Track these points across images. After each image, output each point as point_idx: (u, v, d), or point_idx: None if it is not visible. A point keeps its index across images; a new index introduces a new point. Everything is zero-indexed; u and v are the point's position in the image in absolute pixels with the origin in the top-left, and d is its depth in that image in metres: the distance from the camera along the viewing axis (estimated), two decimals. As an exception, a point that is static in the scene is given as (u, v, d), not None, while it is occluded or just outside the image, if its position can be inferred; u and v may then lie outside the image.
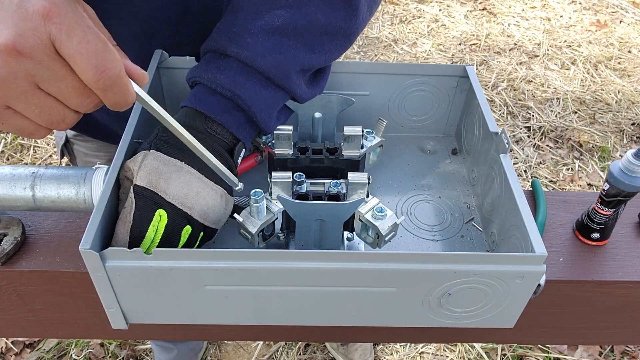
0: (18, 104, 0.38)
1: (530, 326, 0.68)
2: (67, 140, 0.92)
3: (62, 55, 0.37)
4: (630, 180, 0.59)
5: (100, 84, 0.38)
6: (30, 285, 0.60)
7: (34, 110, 0.39)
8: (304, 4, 0.55)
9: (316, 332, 0.68)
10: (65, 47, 0.37)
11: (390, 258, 0.48)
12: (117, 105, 0.41)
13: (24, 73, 0.36)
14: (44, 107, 0.39)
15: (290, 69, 0.55)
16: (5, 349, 1.48)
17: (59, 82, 0.38)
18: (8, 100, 0.38)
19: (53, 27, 0.36)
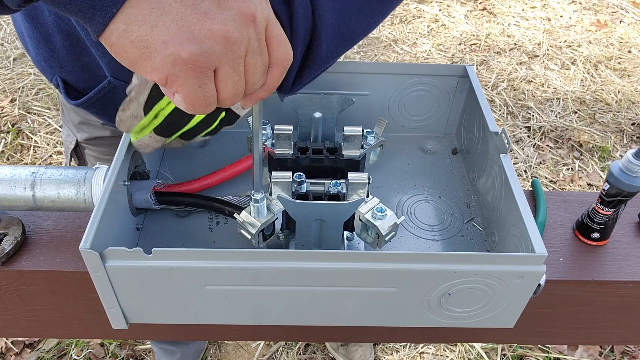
0: (227, 66, 0.39)
1: (530, 326, 0.68)
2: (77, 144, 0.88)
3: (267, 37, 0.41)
4: (630, 180, 0.59)
5: (282, 68, 0.43)
6: (30, 285, 0.60)
7: (234, 77, 0.40)
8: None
9: (316, 332, 0.68)
10: (272, 31, 0.41)
11: (390, 258, 0.48)
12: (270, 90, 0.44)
13: (247, 39, 0.39)
14: (240, 77, 0.41)
15: None
16: (5, 349, 1.48)
17: (259, 56, 0.41)
18: (222, 62, 0.39)
19: (270, 11, 0.41)
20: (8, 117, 2.12)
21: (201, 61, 0.37)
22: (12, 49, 2.45)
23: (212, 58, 0.37)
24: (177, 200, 0.61)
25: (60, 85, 0.70)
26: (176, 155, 0.73)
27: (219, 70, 0.39)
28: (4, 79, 2.28)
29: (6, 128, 2.08)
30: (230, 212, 0.59)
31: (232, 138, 0.76)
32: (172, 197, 0.61)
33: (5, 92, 2.22)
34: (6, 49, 2.45)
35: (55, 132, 2.08)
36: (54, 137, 2.06)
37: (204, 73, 0.38)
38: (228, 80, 0.39)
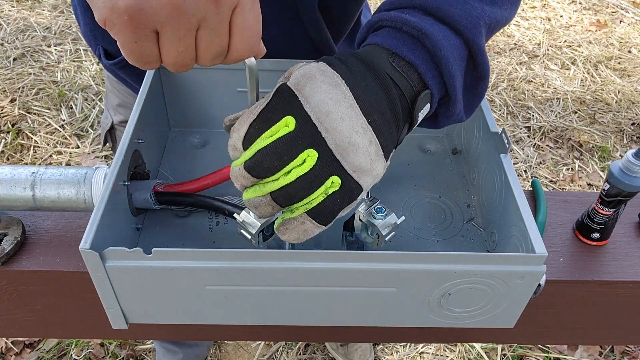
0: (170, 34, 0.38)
1: (530, 326, 0.68)
2: (112, 126, 0.94)
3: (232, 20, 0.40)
4: (630, 180, 0.59)
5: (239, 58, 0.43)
6: (30, 285, 0.60)
7: (177, 47, 0.39)
8: None
9: (316, 332, 0.68)
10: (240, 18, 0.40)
11: (390, 258, 0.48)
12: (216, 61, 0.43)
13: (202, 14, 0.38)
14: (188, 49, 0.40)
15: (479, 20, 0.49)
16: (5, 349, 1.48)
17: (217, 37, 0.40)
18: (164, 28, 0.38)
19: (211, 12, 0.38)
20: (8, 117, 2.12)
21: (137, 17, 0.36)
22: (12, 49, 2.45)
23: (151, 19, 0.37)
24: (177, 200, 0.61)
25: (102, 54, 0.79)
26: (176, 155, 0.73)
27: (161, 35, 0.38)
28: (4, 79, 2.28)
29: (6, 128, 2.08)
30: (230, 212, 0.59)
31: (232, 138, 0.76)
32: (172, 197, 0.61)
33: (5, 92, 2.22)
34: (6, 49, 2.45)
35: (55, 132, 2.08)
36: (54, 137, 2.06)
37: (141, 30, 0.37)
38: (170, 48, 0.39)
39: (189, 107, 0.75)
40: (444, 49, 0.47)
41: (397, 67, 0.47)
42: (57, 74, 2.33)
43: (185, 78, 0.72)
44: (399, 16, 0.49)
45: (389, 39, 0.48)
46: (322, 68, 0.44)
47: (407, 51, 0.47)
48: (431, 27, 0.48)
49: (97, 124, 2.13)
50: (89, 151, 2.01)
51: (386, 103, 0.45)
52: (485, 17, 0.50)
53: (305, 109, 0.42)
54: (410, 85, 0.47)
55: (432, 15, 0.49)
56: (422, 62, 0.48)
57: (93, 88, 2.27)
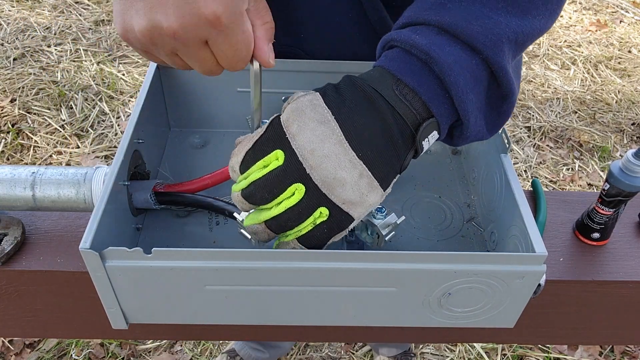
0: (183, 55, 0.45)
1: (530, 326, 0.68)
2: None
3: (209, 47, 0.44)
4: (630, 180, 0.59)
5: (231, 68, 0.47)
6: (31, 285, 0.60)
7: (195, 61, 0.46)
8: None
9: (316, 332, 0.68)
10: (215, 47, 0.44)
11: (390, 258, 0.48)
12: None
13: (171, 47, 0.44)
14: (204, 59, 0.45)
15: (501, 37, 0.46)
16: (5, 349, 1.48)
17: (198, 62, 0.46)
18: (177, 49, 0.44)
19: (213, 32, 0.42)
20: (8, 117, 2.12)
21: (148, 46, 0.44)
22: (12, 49, 2.45)
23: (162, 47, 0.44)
24: (177, 200, 0.61)
25: None
26: (176, 155, 0.73)
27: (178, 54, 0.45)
28: (4, 79, 2.28)
29: (6, 128, 2.08)
30: (230, 212, 0.59)
31: (232, 138, 0.76)
32: (172, 197, 0.61)
33: (5, 92, 2.22)
34: (6, 49, 2.45)
35: (55, 132, 2.08)
36: (54, 137, 2.06)
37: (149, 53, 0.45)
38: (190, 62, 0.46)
39: (189, 107, 0.75)
40: (454, 73, 0.45)
41: (400, 95, 0.46)
42: (57, 74, 2.33)
43: (185, 78, 0.72)
44: (409, 37, 0.46)
45: (396, 63, 0.47)
46: (315, 102, 0.46)
47: (412, 78, 0.46)
48: (440, 51, 0.45)
49: (97, 124, 2.13)
50: (89, 151, 2.01)
51: (382, 135, 0.45)
52: (509, 33, 0.46)
53: (292, 146, 0.45)
54: (413, 113, 0.46)
55: (448, 33, 0.46)
56: (428, 89, 0.46)
57: (93, 88, 2.27)
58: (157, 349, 1.51)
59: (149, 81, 0.65)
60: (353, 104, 0.45)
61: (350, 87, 0.46)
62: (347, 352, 1.55)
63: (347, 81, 0.47)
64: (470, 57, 0.46)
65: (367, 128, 0.45)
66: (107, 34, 2.59)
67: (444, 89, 0.46)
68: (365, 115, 0.45)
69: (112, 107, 2.21)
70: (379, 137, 0.45)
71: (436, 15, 0.46)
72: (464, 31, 0.45)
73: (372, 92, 0.46)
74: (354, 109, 0.45)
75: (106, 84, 2.30)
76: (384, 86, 0.46)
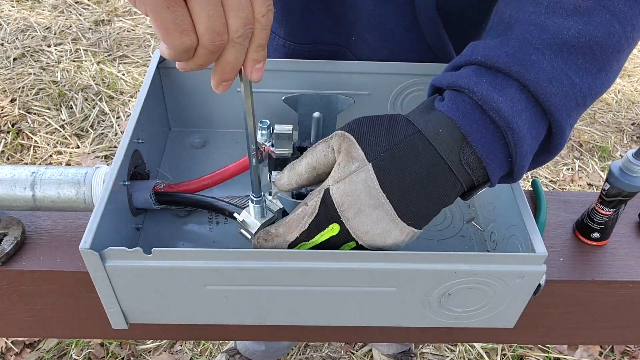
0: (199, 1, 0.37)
1: (530, 326, 0.68)
2: None
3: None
4: (630, 180, 0.59)
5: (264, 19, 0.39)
6: (31, 285, 0.60)
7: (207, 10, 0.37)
8: (596, 10, 0.44)
9: (316, 332, 0.68)
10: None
11: (390, 258, 0.48)
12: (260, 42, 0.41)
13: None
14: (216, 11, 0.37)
15: (576, 101, 0.45)
16: (5, 349, 1.48)
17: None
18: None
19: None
20: (8, 117, 2.12)
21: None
22: (12, 49, 2.45)
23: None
24: (177, 200, 0.61)
25: None
26: (176, 155, 0.73)
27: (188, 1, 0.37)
28: (4, 79, 2.28)
29: (6, 128, 2.08)
30: (230, 212, 0.59)
31: (232, 138, 0.76)
32: (172, 197, 0.61)
33: (5, 92, 2.22)
34: (6, 49, 2.45)
35: (55, 132, 2.08)
36: (54, 137, 2.06)
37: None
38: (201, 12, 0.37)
39: (189, 107, 0.75)
40: (525, 144, 0.44)
41: (465, 163, 0.44)
42: (57, 74, 2.33)
43: (186, 78, 0.72)
44: (490, 96, 0.43)
45: (468, 120, 0.44)
46: (369, 184, 0.44)
47: (482, 145, 0.44)
48: (520, 119, 0.43)
49: (97, 124, 2.13)
50: (89, 151, 2.01)
51: (437, 205, 0.46)
52: (583, 96, 0.45)
53: (346, 226, 0.46)
54: (472, 179, 0.46)
55: (528, 91, 0.44)
56: (494, 159, 0.44)
57: (93, 88, 2.28)
58: (157, 349, 1.51)
59: (149, 81, 0.65)
60: (412, 178, 0.44)
61: (411, 154, 0.44)
62: (347, 352, 1.55)
63: (408, 142, 0.45)
64: (540, 120, 0.45)
65: (422, 204, 0.45)
66: (107, 34, 2.59)
67: (509, 154, 0.45)
68: (424, 190, 0.45)
69: (112, 107, 2.21)
70: (434, 207, 0.46)
71: (520, 67, 0.43)
72: (544, 93, 0.43)
73: (437, 161, 0.44)
74: (412, 186, 0.44)
75: (106, 84, 2.30)
76: (451, 153, 0.44)
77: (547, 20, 0.45)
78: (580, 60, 0.44)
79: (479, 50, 0.45)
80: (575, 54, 0.44)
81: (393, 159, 0.44)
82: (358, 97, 0.73)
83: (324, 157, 0.47)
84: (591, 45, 0.44)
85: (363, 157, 0.45)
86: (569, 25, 0.44)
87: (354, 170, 0.45)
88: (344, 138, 0.46)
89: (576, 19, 0.44)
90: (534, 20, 0.45)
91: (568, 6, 0.45)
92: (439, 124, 0.44)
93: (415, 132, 0.45)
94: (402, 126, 0.46)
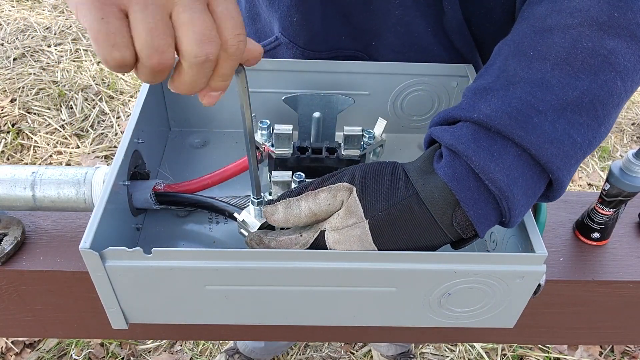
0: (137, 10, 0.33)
1: (530, 326, 0.68)
2: None
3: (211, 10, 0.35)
4: (630, 180, 0.59)
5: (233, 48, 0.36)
6: (30, 285, 0.60)
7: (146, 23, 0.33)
8: (603, 68, 0.45)
9: (316, 332, 0.68)
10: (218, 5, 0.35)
11: (390, 258, 0.48)
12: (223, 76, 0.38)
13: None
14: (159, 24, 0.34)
15: (576, 158, 0.45)
16: (5, 349, 1.48)
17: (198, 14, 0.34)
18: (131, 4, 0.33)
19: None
20: (8, 117, 2.12)
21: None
22: (12, 49, 2.45)
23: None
24: (177, 200, 0.61)
25: None
26: (176, 155, 0.73)
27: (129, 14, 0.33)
28: (4, 79, 2.28)
29: (6, 128, 2.08)
30: (230, 213, 0.59)
31: (232, 138, 0.76)
32: (172, 197, 0.61)
33: (5, 92, 2.22)
34: (6, 49, 2.45)
35: (55, 132, 2.08)
36: (54, 137, 2.06)
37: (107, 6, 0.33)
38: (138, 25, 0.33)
39: (189, 107, 0.75)
40: (519, 207, 0.45)
41: (456, 225, 0.45)
42: (57, 74, 2.33)
43: (185, 78, 0.72)
44: (487, 165, 0.43)
45: (462, 187, 0.44)
46: (364, 238, 0.46)
47: (475, 211, 0.44)
48: (515, 186, 0.43)
49: (97, 124, 2.13)
50: (89, 151, 2.01)
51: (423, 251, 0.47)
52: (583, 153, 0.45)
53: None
54: (461, 236, 0.47)
55: (528, 155, 0.44)
56: (485, 222, 0.45)
57: (93, 88, 2.28)
58: (157, 349, 1.51)
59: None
60: (404, 235, 0.46)
61: (407, 215, 0.46)
62: (347, 352, 1.55)
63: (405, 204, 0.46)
64: (538, 180, 0.45)
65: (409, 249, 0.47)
66: (107, 34, 2.58)
67: (501, 214, 0.46)
68: (413, 244, 0.47)
69: (112, 107, 2.21)
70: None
71: (522, 130, 0.43)
72: (545, 155, 0.43)
73: (431, 222, 0.46)
74: (403, 241, 0.47)
75: (106, 84, 2.30)
76: (444, 215, 0.45)
77: (552, 79, 0.44)
78: (583, 119, 0.44)
79: (481, 108, 0.45)
80: (579, 113, 0.44)
81: (389, 218, 0.46)
82: (358, 97, 0.73)
83: (328, 206, 0.48)
84: (594, 103, 0.44)
85: (361, 214, 0.46)
86: (575, 84, 0.44)
87: (350, 224, 0.47)
88: (349, 192, 0.48)
89: (582, 77, 0.44)
90: (539, 79, 0.45)
91: (575, 63, 0.45)
92: (435, 188, 0.45)
93: (413, 194, 0.46)
94: (402, 185, 0.47)
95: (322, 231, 0.48)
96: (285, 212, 0.49)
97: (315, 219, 0.49)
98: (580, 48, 0.45)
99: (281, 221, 0.49)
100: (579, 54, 0.45)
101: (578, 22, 0.46)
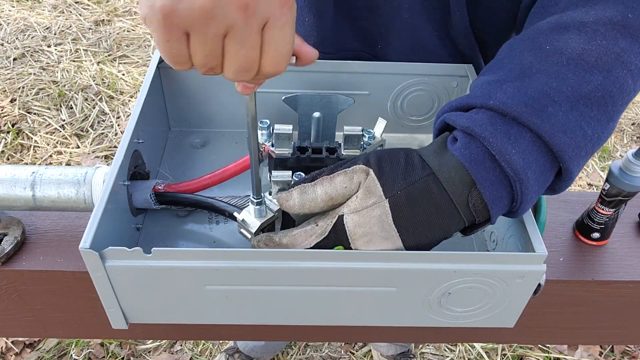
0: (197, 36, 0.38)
1: (530, 326, 0.68)
2: None
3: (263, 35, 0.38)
4: (630, 180, 0.59)
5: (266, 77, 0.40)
6: (30, 285, 0.60)
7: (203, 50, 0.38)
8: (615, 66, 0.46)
9: (316, 331, 0.68)
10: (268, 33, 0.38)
11: (390, 258, 0.48)
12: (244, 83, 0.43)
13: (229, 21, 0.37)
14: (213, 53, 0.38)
15: (586, 151, 0.46)
16: (5, 349, 1.48)
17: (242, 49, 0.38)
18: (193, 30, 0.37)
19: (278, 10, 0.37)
20: (8, 117, 2.12)
21: (170, 17, 0.36)
22: (12, 49, 2.45)
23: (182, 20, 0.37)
24: (177, 200, 0.61)
25: None
26: (176, 155, 0.73)
27: (190, 37, 0.38)
28: (4, 79, 2.28)
29: (6, 128, 2.08)
30: (230, 213, 0.59)
31: (232, 138, 0.76)
32: (172, 197, 0.61)
33: (5, 92, 2.22)
34: (6, 49, 2.45)
35: (55, 132, 2.08)
36: (54, 137, 2.06)
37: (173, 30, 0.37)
38: (197, 50, 0.38)
39: (189, 107, 0.75)
40: (532, 192, 0.46)
41: (471, 206, 0.46)
42: (57, 74, 2.33)
43: (185, 78, 0.72)
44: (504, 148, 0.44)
45: (480, 169, 0.45)
46: (384, 219, 0.46)
47: (490, 192, 0.45)
48: (530, 171, 0.45)
49: (97, 124, 2.13)
50: (89, 151, 2.01)
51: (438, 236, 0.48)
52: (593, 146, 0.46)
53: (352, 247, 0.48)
54: (475, 219, 0.47)
55: (542, 142, 0.45)
56: (499, 204, 0.46)
57: (93, 88, 2.27)
58: (157, 349, 1.51)
59: (149, 81, 0.65)
60: (423, 216, 0.46)
61: (426, 195, 0.46)
62: (347, 352, 1.55)
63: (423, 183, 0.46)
64: (550, 168, 0.47)
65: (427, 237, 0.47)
66: (107, 34, 2.59)
67: (513, 199, 0.47)
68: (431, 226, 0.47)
69: (112, 107, 2.21)
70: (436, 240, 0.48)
71: (537, 118, 0.44)
72: (558, 144, 0.45)
73: (448, 203, 0.46)
74: (421, 222, 0.47)
75: (106, 84, 2.30)
76: (461, 196, 0.46)
77: (567, 72, 0.46)
78: (594, 112, 0.46)
79: (497, 95, 0.46)
80: (590, 107, 0.46)
81: (408, 197, 0.46)
82: (358, 97, 0.73)
83: (345, 189, 0.48)
84: (605, 99, 0.46)
85: (381, 193, 0.46)
86: (589, 79, 0.46)
87: (370, 205, 0.47)
88: (366, 173, 0.48)
89: (596, 72, 0.46)
90: (555, 71, 0.46)
91: (590, 59, 0.46)
92: (452, 168, 0.46)
93: (430, 174, 0.46)
94: (417, 166, 0.47)
95: (340, 216, 0.48)
96: (301, 197, 0.49)
97: (332, 204, 0.48)
98: (595, 45, 0.47)
99: (297, 207, 0.49)
100: (593, 50, 0.47)
101: (593, 20, 0.48)
